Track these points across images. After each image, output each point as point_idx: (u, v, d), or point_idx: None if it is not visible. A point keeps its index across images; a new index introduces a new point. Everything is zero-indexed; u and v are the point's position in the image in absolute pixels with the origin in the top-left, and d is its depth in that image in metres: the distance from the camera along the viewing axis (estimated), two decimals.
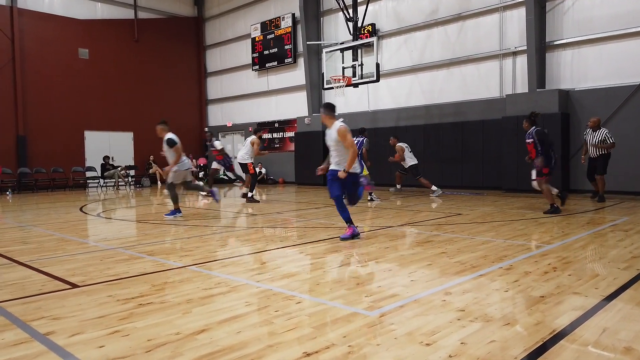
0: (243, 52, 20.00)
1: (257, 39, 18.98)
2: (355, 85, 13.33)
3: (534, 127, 7.67)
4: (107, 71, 18.68)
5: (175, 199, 8.26)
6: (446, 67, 13.88)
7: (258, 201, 11.02)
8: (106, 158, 17.79)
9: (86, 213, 9.56)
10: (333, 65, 13.77)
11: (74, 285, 3.84)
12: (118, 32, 19.07)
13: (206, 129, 13.09)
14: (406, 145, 11.63)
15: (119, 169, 17.63)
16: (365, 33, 14.85)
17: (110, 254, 5.14)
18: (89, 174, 17.87)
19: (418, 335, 2.61)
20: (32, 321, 3.00)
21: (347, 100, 15.94)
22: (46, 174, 16.91)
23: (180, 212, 8.30)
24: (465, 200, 10.39)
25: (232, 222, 8.17)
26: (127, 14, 19.41)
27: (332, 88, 13.68)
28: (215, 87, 21.78)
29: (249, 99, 20.12)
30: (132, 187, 18.00)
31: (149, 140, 19.68)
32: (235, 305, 3.25)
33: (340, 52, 13.44)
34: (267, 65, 18.74)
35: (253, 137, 11.18)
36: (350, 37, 13.83)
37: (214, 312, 3.13)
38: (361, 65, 13.11)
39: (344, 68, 13.32)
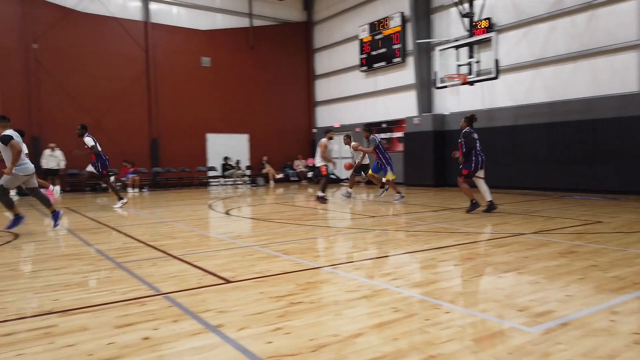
0: (350, 54, 20.22)
1: (364, 40, 19.07)
2: (471, 83, 12.81)
3: (468, 128, 8.44)
4: (225, 77, 20.05)
5: (10, 205, 7.05)
6: (572, 60, 12.78)
7: (327, 201, 11.12)
8: (226, 158, 19.24)
9: (214, 210, 10.33)
10: (445, 62, 13.37)
11: (227, 281, 4.16)
12: (235, 40, 20.37)
13: (82, 125, 10.44)
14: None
15: (236, 168, 18.92)
16: (480, 28, 14.22)
17: (249, 252, 5.49)
18: (210, 173, 19.41)
19: (595, 359, 2.43)
20: (201, 313, 3.30)
21: (460, 99, 15.41)
22: (175, 173, 18.65)
23: (22, 217, 7.11)
24: (601, 206, 9.47)
25: (350, 224, 8.29)
26: (243, 22, 20.66)
27: (445, 87, 13.30)
28: (323, 89, 22.30)
29: (356, 99, 20.28)
30: (249, 185, 19.13)
31: (263, 141, 20.94)
32: (382, 311, 3.29)
33: (455, 49, 13.00)
34: (375, 65, 18.75)
35: (322, 140, 11.13)
36: (463, 33, 13.32)
37: (364, 316, 3.20)
38: (478, 62, 12.59)
39: (458, 65, 12.87)
